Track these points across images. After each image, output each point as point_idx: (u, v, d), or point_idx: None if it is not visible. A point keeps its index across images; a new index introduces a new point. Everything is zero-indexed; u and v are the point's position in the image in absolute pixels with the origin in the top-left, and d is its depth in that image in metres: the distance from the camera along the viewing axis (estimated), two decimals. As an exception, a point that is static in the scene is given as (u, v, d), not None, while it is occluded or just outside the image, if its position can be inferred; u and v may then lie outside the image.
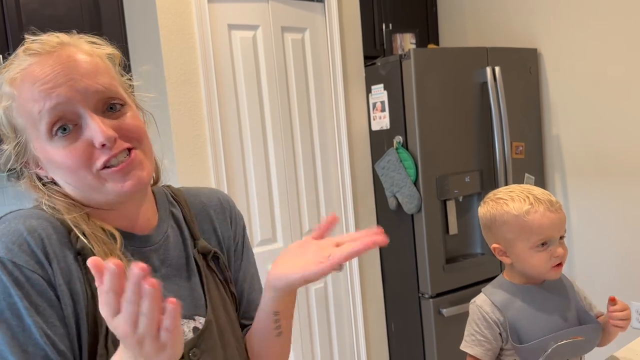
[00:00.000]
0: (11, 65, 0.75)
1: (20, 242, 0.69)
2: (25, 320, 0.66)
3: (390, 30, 3.10)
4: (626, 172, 2.78)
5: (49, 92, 0.71)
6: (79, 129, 0.72)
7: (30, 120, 0.73)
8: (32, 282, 0.68)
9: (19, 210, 0.76)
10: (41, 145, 0.74)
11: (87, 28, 2.34)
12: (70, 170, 0.74)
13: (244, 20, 2.37)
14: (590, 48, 2.84)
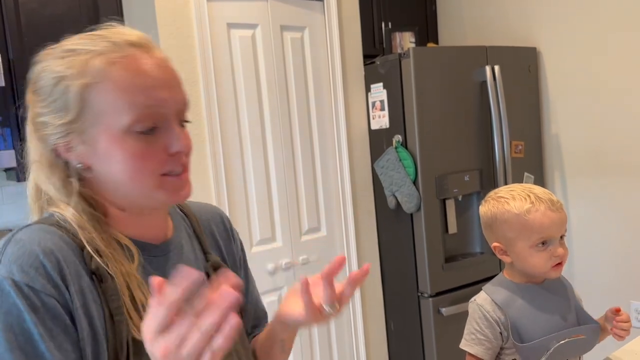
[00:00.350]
0: (105, 45, 0.73)
1: (37, 266, 0.66)
2: (39, 346, 0.65)
3: (390, 29, 3.09)
4: (626, 171, 2.78)
5: (150, 91, 0.71)
6: (157, 132, 0.72)
7: (112, 108, 0.70)
8: (47, 307, 0.66)
9: (30, 226, 0.74)
10: (110, 136, 0.71)
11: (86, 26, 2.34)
12: (136, 169, 0.72)
13: (243, 19, 2.37)
14: (589, 46, 2.83)
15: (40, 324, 0.65)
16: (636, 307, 2.81)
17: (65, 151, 0.74)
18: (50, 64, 0.73)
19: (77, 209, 0.74)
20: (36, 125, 0.75)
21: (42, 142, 0.75)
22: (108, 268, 0.71)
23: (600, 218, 2.91)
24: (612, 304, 3.00)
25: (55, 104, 0.72)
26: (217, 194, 2.29)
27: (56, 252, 0.68)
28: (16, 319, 0.64)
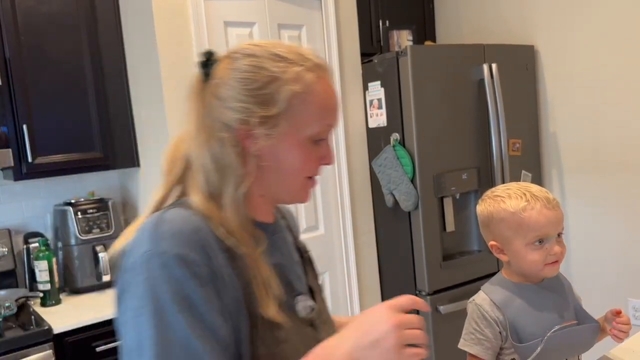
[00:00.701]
0: (312, 64, 0.85)
1: (189, 241, 0.75)
2: (201, 310, 0.74)
3: (387, 27, 3.09)
4: (623, 168, 2.78)
5: (333, 112, 0.87)
6: (321, 145, 0.87)
7: (307, 117, 0.84)
8: (202, 277, 0.75)
9: (170, 209, 0.81)
10: (294, 138, 0.84)
11: (82, 25, 2.34)
12: (300, 168, 0.86)
13: (240, 17, 2.36)
14: (587, 44, 2.84)
15: (199, 291, 0.74)
16: (634, 304, 2.81)
17: (244, 137, 0.83)
18: (265, 63, 0.83)
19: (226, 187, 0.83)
20: (226, 104, 0.83)
21: (221, 120, 0.83)
22: (238, 248, 0.80)
23: (597, 216, 2.91)
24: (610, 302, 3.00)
25: (263, 96, 0.82)
26: (215, 193, 2.29)
27: (202, 230, 0.78)
28: (181, 286, 0.73)
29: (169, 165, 0.89)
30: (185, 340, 0.72)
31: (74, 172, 2.34)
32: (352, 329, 0.76)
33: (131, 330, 0.74)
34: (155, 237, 0.76)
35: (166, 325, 0.72)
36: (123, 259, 0.78)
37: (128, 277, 0.76)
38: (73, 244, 2.35)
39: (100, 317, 2.05)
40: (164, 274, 0.74)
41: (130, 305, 0.75)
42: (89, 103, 2.34)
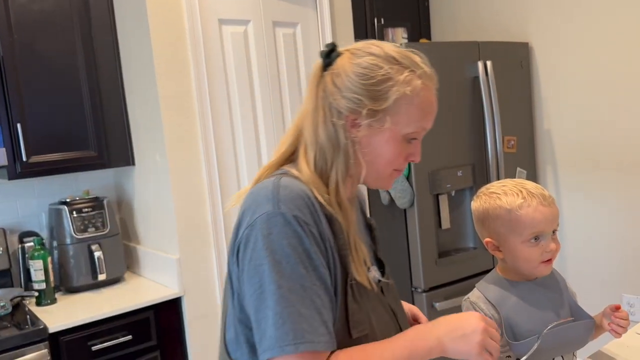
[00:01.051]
0: (422, 72, 0.97)
1: (304, 205, 0.88)
2: (315, 262, 0.87)
3: (382, 24, 3.09)
4: (618, 165, 2.79)
5: (430, 119, 0.98)
6: (412, 143, 0.99)
7: (408, 118, 0.94)
8: (315, 236, 0.88)
9: (283, 177, 0.93)
10: (392, 133, 0.94)
11: (76, 23, 2.33)
12: (390, 161, 0.97)
13: (235, 15, 2.36)
14: (581, 42, 2.85)
15: (313, 247, 0.87)
16: (628, 300, 2.83)
17: (350, 124, 0.94)
18: (382, 63, 0.94)
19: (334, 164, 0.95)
20: (342, 94, 0.94)
21: (336, 107, 0.94)
22: (336, 216, 0.92)
23: (592, 212, 2.92)
24: (605, 297, 3.02)
25: (376, 92, 0.93)
26: (210, 190, 2.28)
27: (311, 197, 0.90)
28: (299, 241, 0.86)
29: (284, 140, 1.02)
30: (303, 287, 0.84)
31: (68, 171, 2.34)
32: (444, 322, 0.92)
33: (253, 277, 0.86)
34: (276, 200, 0.88)
35: (286, 274, 0.84)
36: (242, 217, 0.90)
37: (248, 232, 0.88)
38: (68, 243, 2.34)
39: (96, 316, 2.05)
40: (284, 231, 0.86)
41: (251, 257, 0.87)
42: (84, 102, 2.33)
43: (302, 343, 0.83)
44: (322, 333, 0.85)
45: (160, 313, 2.21)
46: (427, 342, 0.90)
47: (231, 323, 0.95)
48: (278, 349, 0.83)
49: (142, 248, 2.53)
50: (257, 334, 0.87)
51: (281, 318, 0.83)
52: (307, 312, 0.84)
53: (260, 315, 0.85)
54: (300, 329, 0.83)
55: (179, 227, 2.23)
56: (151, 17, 2.15)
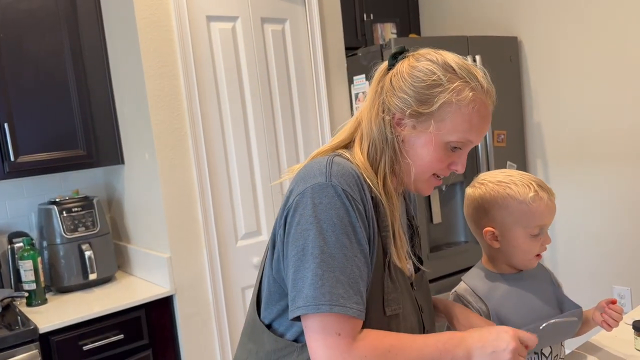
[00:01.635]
0: (475, 84, 0.98)
1: (353, 183, 0.94)
2: (358, 235, 0.92)
3: (372, 20, 3.09)
4: (607, 157, 2.81)
5: (477, 134, 0.99)
6: (456, 152, 1.00)
7: (452, 126, 0.97)
8: (360, 211, 0.93)
9: (336, 156, 0.99)
10: (433, 138, 0.98)
11: (63, 22, 2.31)
12: (428, 166, 1.00)
13: (223, 11, 2.35)
14: (570, 35, 2.86)
15: (358, 221, 0.92)
16: (618, 291, 2.85)
17: (397, 122, 1.00)
18: (437, 70, 0.98)
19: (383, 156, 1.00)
20: (394, 92, 0.99)
21: (386, 104, 1.00)
22: (382, 201, 0.97)
23: (582, 204, 2.94)
24: (595, 288, 3.04)
25: (424, 95, 0.97)
26: (201, 188, 2.28)
27: (359, 178, 0.96)
28: (346, 213, 0.91)
29: (344, 129, 1.07)
30: (344, 256, 0.89)
31: (57, 170, 2.32)
32: (478, 335, 0.95)
33: (298, 240, 0.91)
34: (328, 174, 0.93)
35: (330, 242, 0.89)
36: (295, 186, 0.96)
37: (299, 199, 0.93)
38: (58, 243, 2.33)
39: (86, 315, 2.04)
40: (333, 202, 0.91)
41: (299, 221, 0.92)
42: (72, 100, 2.31)
43: (336, 305, 0.87)
44: (357, 302, 0.89)
45: (151, 312, 2.20)
46: (457, 350, 0.92)
47: (265, 285, 1.00)
48: (314, 307, 0.87)
49: (133, 247, 2.52)
50: (292, 291, 0.91)
51: (320, 280, 0.88)
52: (345, 280, 0.89)
53: (299, 275, 0.90)
54: (337, 294, 0.87)
55: (169, 226, 2.22)
56: (138, 15, 2.14)
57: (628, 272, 2.81)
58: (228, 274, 2.38)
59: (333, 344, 0.88)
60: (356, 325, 0.90)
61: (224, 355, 2.35)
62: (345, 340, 0.88)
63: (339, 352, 0.88)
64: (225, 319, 2.35)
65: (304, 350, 0.96)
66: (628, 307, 2.80)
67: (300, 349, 0.97)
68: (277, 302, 0.99)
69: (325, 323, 0.88)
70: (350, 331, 0.89)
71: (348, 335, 0.88)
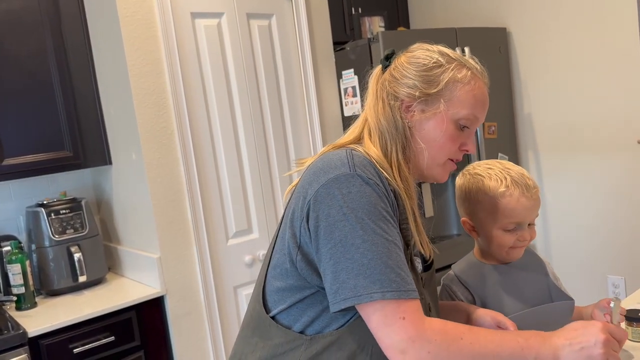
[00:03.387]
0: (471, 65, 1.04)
1: (374, 173, 0.94)
2: (388, 221, 0.92)
3: (359, 13, 3.07)
4: (598, 147, 2.80)
5: (481, 108, 1.03)
6: (465, 132, 1.03)
7: (459, 102, 1.00)
8: (386, 199, 0.93)
9: (353, 150, 0.99)
10: (443, 117, 1.00)
11: (46, 22, 2.28)
12: (440, 145, 1.01)
13: (208, 7, 2.32)
14: (558, 25, 2.84)
15: (388, 207, 0.93)
16: (613, 281, 2.85)
17: (405, 108, 1.02)
18: (434, 54, 1.03)
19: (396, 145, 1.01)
20: (398, 81, 1.03)
21: (393, 92, 1.03)
22: (400, 193, 0.97)
23: (575, 194, 2.93)
24: (589, 279, 3.03)
25: (428, 77, 1.01)
26: (189, 187, 2.26)
27: (377, 169, 0.96)
28: (379, 199, 0.92)
29: (352, 130, 1.09)
30: (387, 241, 0.89)
31: (44, 172, 2.29)
32: (564, 331, 0.93)
33: (333, 232, 0.89)
34: (352, 164, 0.93)
35: (369, 229, 0.89)
36: (313, 178, 0.94)
37: (323, 191, 0.92)
38: (47, 246, 2.31)
39: (76, 318, 2.02)
40: (363, 190, 0.91)
41: (329, 213, 0.90)
42: (56, 101, 2.29)
43: (390, 291, 0.86)
44: (409, 282, 0.89)
45: (142, 313, 2.18)
46: (542, 349, 0.89)
47: (276, 278, 0.99)
48: (366, 296, 0.86)
49: (123, 248, 2.50)
50: (334, 284, 0.89)
51: (368, 269, 0.87)
52: (394, 264, 0.88)
53: (341, 267, 0.88)
54: (389, 279, 0.87)
55: (158, 226, 2.20)
56: (121, 13, 2.11)
57: (622, 262, 2.81)
58: (219, 273, 2.36)
59: (399, 329, 0.86)
60: (417, 307, 0.88)
61: (217, 354, 2.33)
62: (412, 323, 0.86)
63: (407, 335, 0.86)
64: (218, 318, 2.33)
65: (313, 342, 0.95)
66: (622, 297, 2.80)
67: (309, 342, 0.95)
68: (292, 295, 0.97)
69: (386, 310, 0.86)
70: (415, 312, 0.87)
71: (413, 317, 0.87)
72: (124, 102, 2.21)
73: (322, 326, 0.95)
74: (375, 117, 1.04)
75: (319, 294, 0.95)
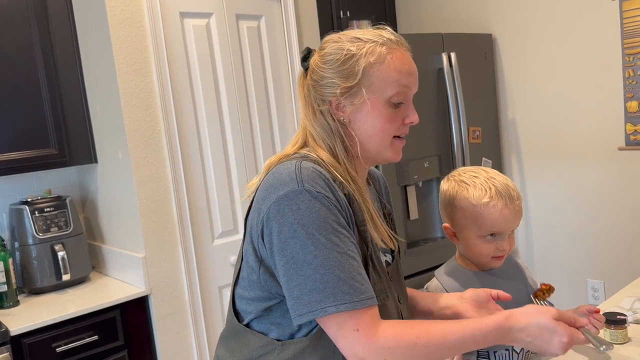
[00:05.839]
0: (385, 39, 1.00)
1: (323, 184, 0.93)
2: (343, 231, 0.93)
3: (348, 17, 3.09)
4: (580, 153, 2.85)
5: (408, 77, 1.00)
6: (401, 107, 1.02)
7: (384, 82, 0.99)
8: (338, 209, 0.93)
9: (302, 160, 0.98)
10: (374, 102, 0.99)
11: (32, 18, 2.26)
12: (382, 128, 1.00)
13: (197, 7, 2.33)
14: (543, 32, 2.89)
15: (340, 219, 0.93)
16: (593, 285, 2.90)
17: (335, 107, 1.01)
18: (344, 44, 1.01)
19: (336, 147, 1.01)
20: (319, 83, 1.02)
21: (319, 96, 1.02)
22: (354, 193, 0.98)
23: (557, 199, 2.98)
24: (570, 282, 3.07)
25: (344, 71, 0.99)
26: (176, 186, 2.25)
27: (328, 179, 0.95)
28: (328, 213, 0.92)
29: (296, 137, 1.08)
30: (339, 254, 0.90)
31: (28, 169, 2.28)
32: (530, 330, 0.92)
33: (285, 250, 0.91)
34: (300, 179, 0.93)
35: (320, 244, 0.90)
36: (265, 195, 0.95)
37: (275, 208, 0.92)
38: (31, 244, 2.29)
39: (60, 316, 2.01)
40: (312, 205, 0.91)
41: (280, 230, 0.91)
42: (42, 98, 2.27)
43: (343, 303, 0.88)
44: (364, 291, 0.90)
45: (126, 312, 2.17)
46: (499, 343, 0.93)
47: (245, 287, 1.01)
48: (320, 310, 0.88)
49: (107, 247, 2.49)
50: (290, 300, 0.91)
51: (321, 284, 0.88)
52: (346, 276, 0.89)
53: (294, 284, 0.90)
54: (341, 292, 0.88)
55: (143, 225, 2.19)
56: (110, 11, 2.10)
57: (602, 266, 2.86)
58: (205, 273, 2.36)
59: (354, 341, 0.89)
60: (372, 315, 0.90)
61: (201, 355, 2.33)
62: (366, 334, 0.89)
63: (362, 346, 0.88)
64: (202, 318, 2.33)
65: (285, 347, 0.97)
66: (602, 300, 2.85)
67: (281, 347, 0.97)
68: (260, 304, 0.99)
69: (341, 323, 0.89)
70: (369, 323, 0.89)
71: (367, 328, 0.89)
72: (111, 101, 2.20)
73: (292, 332, 0.97)
74: (310, 125, 1.04)
75: (284, 303, 0.96)
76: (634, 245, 2.73)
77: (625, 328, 1.32)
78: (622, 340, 1.31)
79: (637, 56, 2.58)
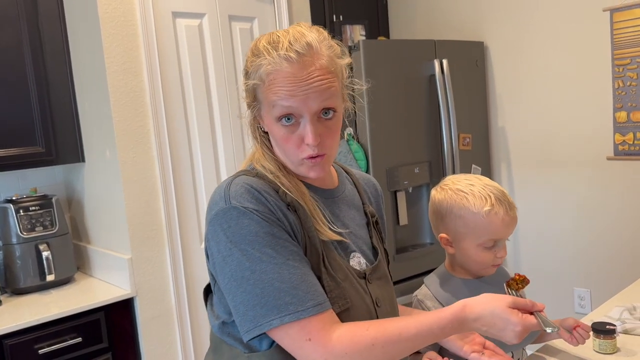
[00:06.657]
0: (273, 57, 0.93)
1: (250, 198, 0.92)
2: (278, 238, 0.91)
3: (341, 21, 3.09)
4: (569, 162, 2.87)
5: (289, 95, 0.92)
6: (297, 124, 0.94)
7: (267, 103, 0.94)
8: (270, 218, 0.92)
9: (240, 175, 0.98)
10: (268, 121, 0.97)
11: (22, 15, 2.23)
12: (282, 148, 0.97)
13: (189, 7, 2.31)
14: (534, 41, 2.91)
15: (273, 227, 0.91)
16: (579, 293, 2.91)
17: (257, 119, 1.01)
18: (248, 57, 0.98)
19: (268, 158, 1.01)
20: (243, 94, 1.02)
21: (250, 109, 1.01)
22: (298, 200, 0.96)
23: (545, 208, 3.00)
24: (557, 291, 3.09)
25: (246, 85, 0.99)
26: (164, 188, 2.23)
27: (262, 190, 0.94)
28: (258, 227, 0.90)
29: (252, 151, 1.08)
30: (276, 265, 0.89)
31: (14, 167, 2.24)
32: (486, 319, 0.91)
33: (224, 268, 0.91)
34: (227, 197, 0.93)
35: (256, 258, 0.89)
36: (207, 215, 0.96)
37: (210, 228, 0.93)
38: (14, 243, 2.25)
39: (43, 318, 1.97)
40: (241, 221, 0.90)
41: (218, 250, 0.92)
42: (30, 96, 2.23)
43: (287, 314, 0.86)
44: (311, 298, 0.88)
45: (111, 314, 2.14)
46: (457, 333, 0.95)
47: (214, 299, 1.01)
48: (266, 324, 0.87)
49: (93, 248, 2.45)
50: (236, 317, 0.91)
51: (262, 298, 0.87)
52: (287, 286, 0.88)
53: (238, 301, 0.89)
54: (284, 303, 0.87)
55: (130, 226, 2.16)
56: (101, 9, 2.08)
57: (588, 275, 2.88)
58: (192, 276, 2.34)
59: (309, 351, 0.87)
60: (323, 322, 0.88)
61: (186, 358, 2.30)
62: (319, 343, 0.87)
63: (318, 355, 0.86)
64: (188, 322, 2.31)
65: (252, 358, 0.96)
66: (588, 309, 2.86)
67: (248, 358, 0.96)
68: (227, 317, 0.99)
69: (290, 334, 0.87)
70: (320, 330, 0.87)
71: (319, 336, 0.87)
72: (100, 100, 2.18)
73: (256, 344, 0.96)
74: (250, 135, 1.05)
75: None
76: (620, 254, 2.75)
77: (614, 338, 1.32)
78: (611, 351, 1.32)
79: (626, 67, 2.60)
